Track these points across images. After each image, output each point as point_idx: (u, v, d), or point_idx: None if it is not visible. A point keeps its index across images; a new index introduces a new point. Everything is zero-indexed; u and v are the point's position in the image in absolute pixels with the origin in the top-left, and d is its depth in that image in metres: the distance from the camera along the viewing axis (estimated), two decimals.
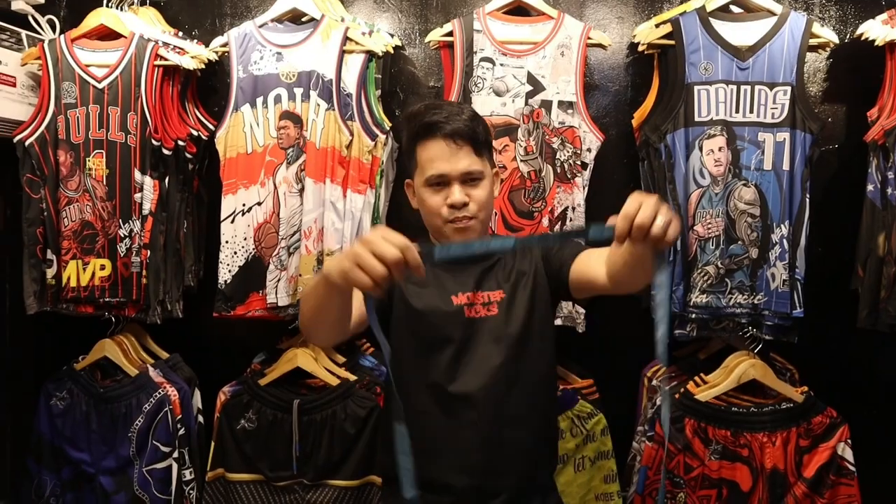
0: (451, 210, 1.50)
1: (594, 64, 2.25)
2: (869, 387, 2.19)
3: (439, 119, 1.51)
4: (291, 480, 2.06)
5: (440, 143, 1.50)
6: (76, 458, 2.19)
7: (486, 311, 1.53)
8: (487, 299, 1.54)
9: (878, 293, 1.92)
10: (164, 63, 2.12)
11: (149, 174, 2.12)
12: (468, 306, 1.53)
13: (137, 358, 2.25)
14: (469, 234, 1.52)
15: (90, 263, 2.12)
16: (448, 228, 1.52)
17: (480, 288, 1.55)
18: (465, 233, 1.52)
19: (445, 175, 1.50)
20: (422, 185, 1.54)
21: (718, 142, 1.95)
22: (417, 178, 1.56)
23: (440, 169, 1.50)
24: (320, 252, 2.05)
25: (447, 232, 1.53)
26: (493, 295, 1.54)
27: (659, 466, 1.95)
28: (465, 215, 1.50)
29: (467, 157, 1.51)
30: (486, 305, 1.53)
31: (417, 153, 1.54)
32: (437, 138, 1.50)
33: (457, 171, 1.50)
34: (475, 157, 1.52)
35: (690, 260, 1.96)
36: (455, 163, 1.50)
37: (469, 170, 1.50)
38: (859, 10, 2.17)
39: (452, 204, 1.49)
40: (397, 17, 2.35)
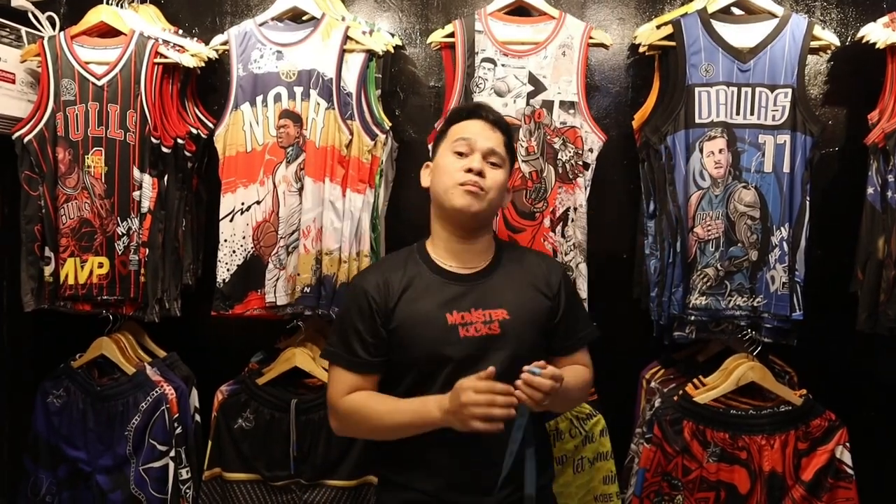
0: (465, 174, 1.55)
1: (595, 65, 2.25)
2: (868, 390, 2.19)
3: (482, 105, 1.68)
4: (288, 480, 2.05)
5: (478, 122, 1.62)
6: (73, 456, 2.18)
7: (487, 330, 1.54)
8: (488, 317, 1.55)
9: (878, 296, 1.92)
10: (163, 61, 2.12)
11: (148, 172, 2.11)
12: (463, 326, 1.53)
13: (135, 356, 2.24)
14: (476, 202, 1.55)
15: (88, 261, 2.11)
16: (456, 191, 1.55)
17: (478, 305, 1.56)
18: (472, 198, 1.55)
19: (473, 142, 1.58)
20: (446, 151, 1.61)
21: (719, 144, 1.95)
22: (442, 148, 1.63)
23: (471, 137, 1.59)
24: (319, 251, 2.04)
25: (454, 195, 1.56)
26: (496, 313, 1.56)
27: (657, 468, 1.95)
28: (478, 182, 1.55)
29: (498, 140, 1.61)
30: (486, 324, 1.54)
31: (451, 130, 1.64)
32: (476, 118, 1.63)
33: (485, 144, 1.59)
34: (504, 147, 1.62)
35: (690, 262, 1.96)
36: (486, 138, 1.60)
37: (495, 149, 1.60)
38: (860, 13, 2.17)
39: (470, 168, 1.55)
40: (398, 17, 2.34)
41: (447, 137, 1.64)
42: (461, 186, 1.55)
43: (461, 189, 1.55)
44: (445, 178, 1.58)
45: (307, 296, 2.02)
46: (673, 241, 1.96)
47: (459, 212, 1.57)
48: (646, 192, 2.05)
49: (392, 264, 1.65)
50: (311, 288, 2.02)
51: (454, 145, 1.59)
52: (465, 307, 1.55)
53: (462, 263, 1.62)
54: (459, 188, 1.55)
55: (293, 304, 2.05)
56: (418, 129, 2.30)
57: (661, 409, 1.95)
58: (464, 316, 1.54)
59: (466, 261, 1.62)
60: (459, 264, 1.62)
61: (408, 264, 1.62)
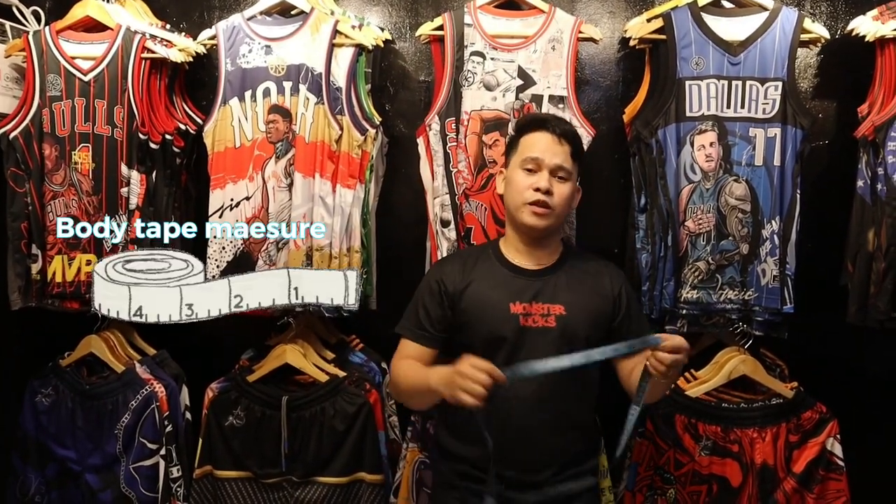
0: (534, 192, 1.64)
1: (585, 58, 2.25)
2: (858, 382, 2.20)
3: (549, 118, 1.74)
4: (280, 477, 2.04)
5: (546, 135, 1.68)
6: (61, 455, 2.17)
7: (544, 322, 1.64)
8: (546, 311, 1.65)
9: (868, 289, 1.93)
10: (151, 56, 2.10)
11: (136, 168, 2.09)
12: (524, 315, 1.64)
13: (124, 354, 2.22)
14: (543, 221, 1.65)
15: (76, 258, 2.09)
16: (525, 210, 1.65)
17: (539, 299, 1.66)
18: (539, 218, 1.65)
19: (541, 160, 1.66)
20: (516, 166, 1.70)
21: (710, 137, 1.94)
22: (513, 161, 1.71)
23: (538, 153, 1.66)
24: (309, 247, 2.03)
25: (524, 214, 1.66)
26: (553, 308, 1.66)
27: (649, 462, 1.95)
28: (546, 201, 1.64)
29: (565, 154, 1.67)
30: (544, 317, 1.65)
31: (521, 141, 1.71)
32: (543, 131, 1.69)
33: (553, 161, 1.66)
34: (570, 160, 1.68)
35: (681, 256, 1.96)
36: (553, 154, 1.66)
37: (563, 164, 1.66)
38: (850, 6, 2.17)
39: (538, 188, 1.64)
40: (387, 11, 2.33)
41: (517, 151, 1.71)
42: (530, 206, 1.65)
43: (530, 209, 1.65)
44: (516, 196, 1.68)
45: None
46: (664, 234, 1.96)
47: (530, 228, 1.68)
48: (637, 186, 2.05)
49: (469, 255, 1.80)
50: None
51: (523, 162, 1.67)
52: (527, 299, 1.66)
53: (528, 261, 1.72)
54: (528, 207, 1.65)
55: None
56: (408, 123, 2.28)
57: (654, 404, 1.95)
58: (525, 307, 1.65)
59: (534, 259, 1.72)
60: (526, 261, 1.72)
61: (481, 257, 1.76)
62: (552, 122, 1.72)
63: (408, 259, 2.20)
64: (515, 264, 1.72)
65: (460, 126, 2.04)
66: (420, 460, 2.05)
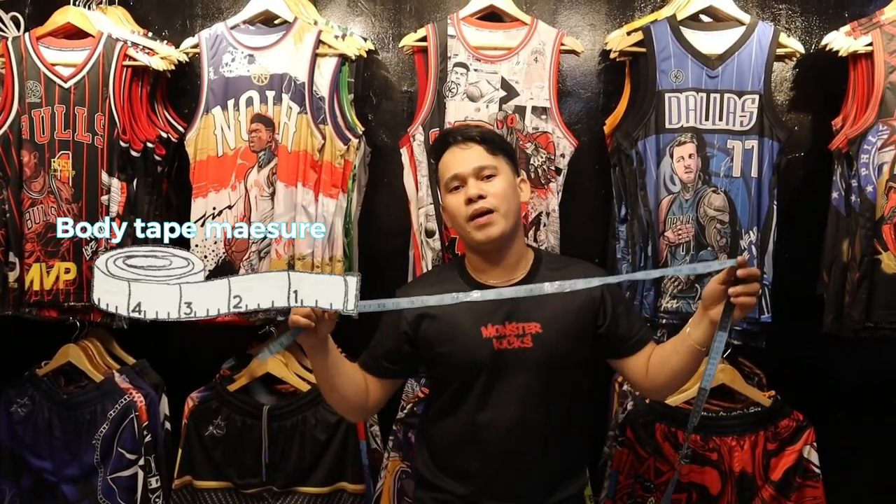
0: (468, 205, 1.55)
1: (567, 70, 2.27)
2: (834, 390, 2.24)
3: (449, 132, 1.67)
4: (260, 488, 2.03)
5: (452, 150, 1.61)
6: (37, 466, 2.14)
7: (520, 343, 1.54)
8: (521, 331, 1.55)
9: (843, 298, 1.96)
10: (133, 63, 2.09)
11: (116, 176, 2.08)
12: (498, 338, 1.54)
13: (103, 363, 2.20)
14: (492, 228, 1.53)
15: (54, 266, 2.07)
16: (470, 228, 1.55)
17: (512, 319, 1.55)
18: (486, 228, 1.53)
19: (459, 174, 1.57)
20: (445, 193, 1.62)
21: (689, 149, 1.97)
22: (442, 190, 1.65)
23: (454, 170, 1.58)
24: (291, 256, 2.03)
25: (471, 232, 1.56)
26: (529, 327, 1.55)
27: (630, 471, 1.96)
28: (484, 207, 1.54)
29: (478, 154, 1.59)
30: (519, 338, 1.54)
31: (439, 168, 1.64)
32: (449, 147, 1.61)
33: (468, 167, 1.57)
34: (487, 155, 1.59)
35: (661, 266, 1.98)
36: (464, 161, 1.58)
37: (481, 164, 1.57)
38: (824, 22, 2.22)
39: (469, 197, 1.54)
40: (370, 21, 2.34)
41: (440, 178, 1.65)
42: (471, 222, 1.55)
43: (472, 224, 1.55)
44: (457, 220, 1.60)
45: None
46: (644, 245, 1.98)
47: (482, 244, 1.57)
48: (617, 197, 2.07)
49: (433, 279, 1.71)
50: None
51: (447, 186, 1.61)
52: (499, 320, 1.55)
53: (495, 277, 1.61)
54: (471, 224, 1.55)
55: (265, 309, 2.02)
56: (391, 133, 2.29)
57: (634, 412, 1.97)
58: (498, 329, 1.54)
59: (499, 274, 1.61)
60: (496, 279, 1.61)
61: (447, 279, 1.63)
62: (453, 133, 1.64)
63: (390, 269, 2.21)
64: (481, 282, 1.61)
65: None
66: (402, 470, 2.05)
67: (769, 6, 2.24)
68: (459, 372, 1.56)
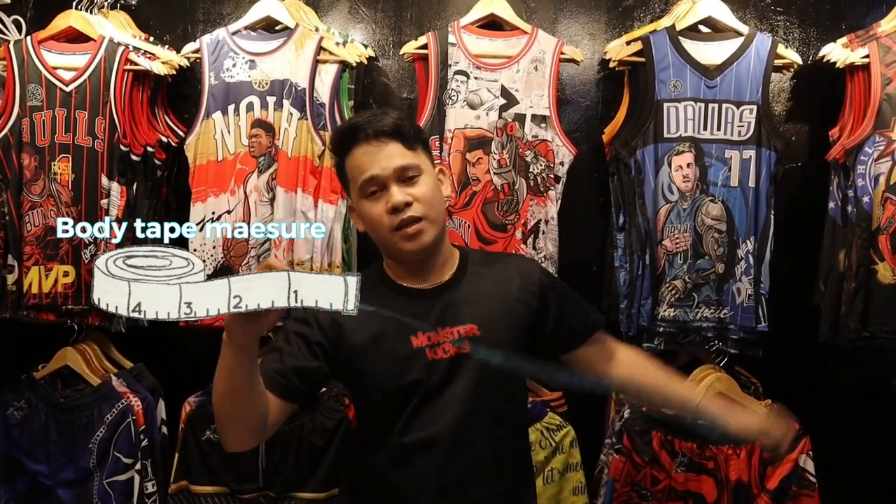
0: (393, 215, 1.34)
1: (566, 79, 2.28)
2: (830, 400, 2.24)
3: (359, 122, 1.39)
4: (257, 493, 2.03)
5: (364, 147, 1.37)
6: (33, 469, 2.12)
7: (456, 350, 1.36)
8: (456, 335, 1.37)
9: (839, 308, 1.97)
10: (134, 68, 2.09)
11: (116, 180, 2.08)
12: (431, 347, 1.36)
13: (100, 367, 2.19)
14: (423, 238, 1.35)
15: (53, 269, 2.07)
16: (397, 238, 1.35)
17: (445, 323, 1.38)
18: (416, 238, 1.35)
19: (377, 177, 1.35)
20: (359, 198, 1.39)
21: (687, 158, 1.99)
22: (354, 193, 1.40)
23: (370, 171, 1.35)
24: (290, 262, 2.03)
25: (397, 243, 1.36)
26: (465, 329, 1.38)
27: (626, 479, 1.96)
28: (411, 215, 1.34)
29: (397, 152, 1.36)
30: (455, 343, 1.36)
31: (347, 166, 1.40)
32: (360, 143, 1.37)
33: (388, 169, 1.34)
34: (407, 152, 1.37)
35: (659, 274, 1.99)
36: (384, 161, 1.35)
37: (402, 164, 1.35)
38: (821, 33, 2.24)
39: (394, 206, 1.33)
40: (371, 29, 2.35)
41: (349, 177, 1.40)
42: (398, 231, 1.35)
43: (399, 234, 1.35)
44: (379, 230, 1.37)
45: None
46: (642, 253, 1.99)
47: (412, 254, 1.38)
48: (615, 205, 2.08)
49: None
50: None
51: (364, 191, 1.37)
52: (430, 327, 1.37)
53: (421, 280, 1.43)
54: (397, 234, 1.35)
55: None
56: None
57: (631, 420, 1.98)
58: (430, 336, 1.36)
59: (426, 277, 1.43)
60: (419, 281, 1.43)
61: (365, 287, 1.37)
62: (362, 127, 1.38)
63: None
64: (406, 286, 1.42)
65: (444, 144, 2.06)
66: None
67: (767, 17, 2.26)
68: (387, 390, 1.36)
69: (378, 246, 1.45)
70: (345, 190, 1.49)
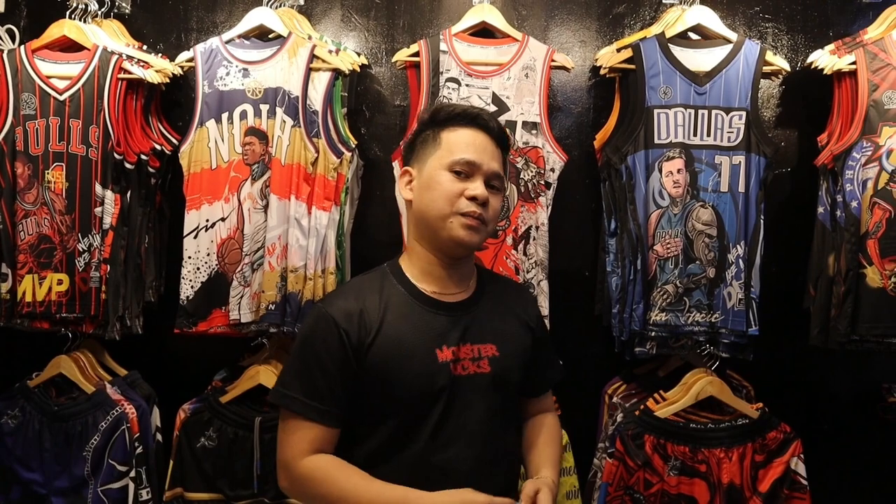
0: (469, 202, 1.34)
1: (557, 86, 2.30)
2: (820, 402, 2.26)
3: (482, 112, 1.42)
4: (252, 499, 2.03)
5: (479, 134, 1.39)
6: (27, 478, 2.12)
7: (476, 368, 1.36)
8: (477, 353, 1.37)
9: (829, 312, 1.99)
10: (128, 77, 2.10)
11: (110, 188, 2.09)
12: (454, 363, 1.34)
13: (94, 375, 2.20)
14: (476, 236, 1.36)
15: (47, 278, 2.07)
16: (456, 221, 1.34)
17: (467, 339, 1.37)
18: (473, 232, 1.35)
19: (476, 165, 1.36)
20: (441, 167, 1.37)
21: (677, 164, 2.00)
22: (435, 160, 1.38)
23: (474, 155, 1.36)
24: (284, 268, 2.04)
25: (453, 226, 1.35)
26: (486, 349, 1.38)
27: (619, 483, 1.97)
28: (481, 213, 1.35)
29: (499, 160, 1.42)
30: (475, 361, 1.36)
31: (444, 136, 1.39)
32: (476, 129, 1.39)
33: (489, 167, 1.38)
34: (501, 165, 1.43)
35: (650, 279, 2.00)
36: (489, 158, 1.38)
37: (498, 172, 1.40)
38: (809, 40, 2.26)
39: (475, 196, 1.34)
40: (364, 37, 2.37)
41: (439, 147, 1.38)
42: (462, 217, 1.34)
43: (462, 220, 1.34)
44: (441, 203, 1.35)
45: (272, 313, 2.02)
46: (633, 258, 2.01)
47: (457, 244, 1.37)
48: (607, 211, 2.10)
49: (365, 288, 1.40)
50: (275, 305, 2.02)
51: (454, 164, 1.36)
52: (455, 341, 1.36)
53: (445, 289, 1.42)
54: (460, 219, 1.34)
55: (258, 321, 2.04)
56: (383, 147, 2.31)
57: (623, 424, 1.99)
58: (454, 351, 1.35)
59: (449, 287, 1.42)
60: (442, 290, 1.41)
61: (383, 288, 1.39)
62: (486, 117, 1.41)
63: None
64: (431, 295, 1.40)
65: None
66: None
67: (756, 25, 2.28)
68: (411, 404, 1.32)
69: (417, 221, 1.42)
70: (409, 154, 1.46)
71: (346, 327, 1.32)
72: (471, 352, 1.37)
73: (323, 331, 1.33)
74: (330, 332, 1.32)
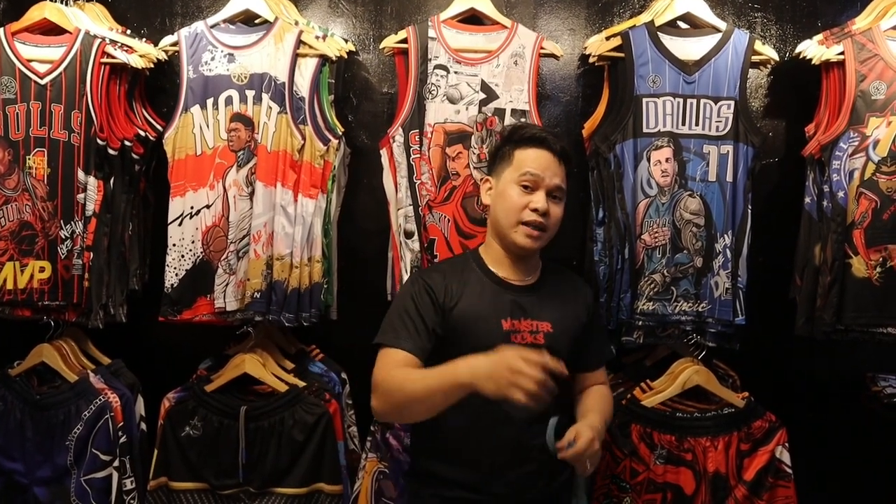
0: (532, 213, 1.63)
1: (546, 74, 2.29)
2: (806, 392, 2.28)
3: (549, 136, 1.70)
4: (237, 488, 2.02)
5: (545, 153, 1.67)
6: (8, 468, 2.10)
7: (532, 339, 1.63)
8: (535, 328, 1.65)
9: (815, 301, 2.00)
10: (111, 61, 2.07)
11: (93, 174, 2.06)
12: (513, 332, 1.62)
13: (77, 363, 2.17)
14: (536, 243, 1.65)
15: (28, 265, 2.04)
16: (520, 230, 1.64)
17: (527, 315, 1.65)
18: (533, 240, 1.64)
19: (541, 178, 1.64)
20: (511, 180, 1.66)
21: (665, 153, 2.00)
22: (507, 174, 1.68)
23: (539, 170, 1.64)
24: (270, 256, 2.02)
25: (517, 234, 1.65)
26: (542, 325, 1.66)
27: (606, 471, 1.98)
28: (542, 223, 1.63)
29: (561, 174, 1.68)
30: (532, 334, 1.64)
31: (516, 154, 1.68)
32: (543, 149, 1.67)
33: (552, 181, 1.66)
34: (565, 178, 1.69)
35: (638, 268, 2.00)
36: (553, 174, 1.66)
37: (559, 185, 1.67)
38: (797, 30, 2.26)
39: (536, 208, 1.63)
40: (351, 23, 2.34)
41: (512, 163, 1.68)
42: (524, 226, 1.64)
43: (524, 229, 1.64)
44: (510, 213, 1.65)
45: (257, 301, 2.00)
46: (621, 247, 2.00)
47: (520, 248, 1.67)
48: (595, 200, 2.09)
49: (451, 268, 1.74)
50: (261, 293, 2.00)
51: (521, 178, 1.65)
52: (517, 315, 1.64)
53: (513, 275, 1.71)
54: (523, 228, 1.64)
55: (243, 309, 2.02)
56: (371, 134, 2.29)
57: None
58: (514, 324, 1.63)
59: (517, 273, 1.71)
60: (511, 276, 1.71)
61: (465, 270, 1.71)
62: (552, 140, 1.69)
63: (369, 269, 2.21)
64: (502, 278, 1.70)
65: (424, 138, 2.06)
66: (379, 470, 2.05)
67: (745, 14, 2.28)
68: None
69: (492, 223, 1.73)
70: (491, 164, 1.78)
71: (435, 289, 1.65)
72: (530, 325, 1.65)
73: (418, 287, 1.66)
74: (421, 289, 1.65)
